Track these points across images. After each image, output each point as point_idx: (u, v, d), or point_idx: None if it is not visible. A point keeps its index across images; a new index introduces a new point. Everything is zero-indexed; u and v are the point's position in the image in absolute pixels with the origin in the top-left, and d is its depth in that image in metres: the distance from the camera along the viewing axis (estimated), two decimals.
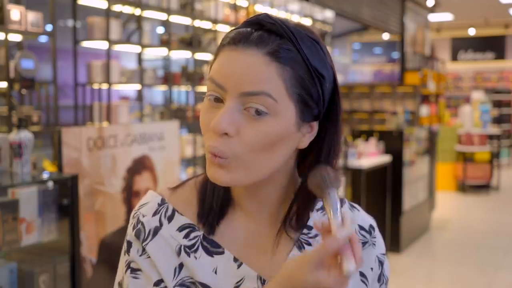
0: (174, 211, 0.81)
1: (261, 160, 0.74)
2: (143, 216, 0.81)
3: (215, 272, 0.78)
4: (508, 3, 11.80)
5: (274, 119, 0.73)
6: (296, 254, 0.81)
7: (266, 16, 0.75)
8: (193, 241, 0.79)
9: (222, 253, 0.79)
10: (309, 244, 0.83)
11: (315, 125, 0.78)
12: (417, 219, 5.99)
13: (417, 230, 6.02)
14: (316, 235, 0.83)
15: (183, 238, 0.79)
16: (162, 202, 0.82)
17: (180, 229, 0.80)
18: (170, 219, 0.80)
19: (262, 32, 0.74)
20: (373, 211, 5.13)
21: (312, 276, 0.67)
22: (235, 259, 0.79)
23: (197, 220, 0.81)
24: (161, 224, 0.80)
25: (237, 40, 0.74)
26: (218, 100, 0.74)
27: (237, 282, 0.78)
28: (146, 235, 0.79)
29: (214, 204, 0.81)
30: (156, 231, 0.79)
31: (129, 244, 0.80)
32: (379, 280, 0.87)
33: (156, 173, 3.10)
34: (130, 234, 0.81)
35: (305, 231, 0.83)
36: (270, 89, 0.72)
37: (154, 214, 0.81)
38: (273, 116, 0.73)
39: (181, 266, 0.78)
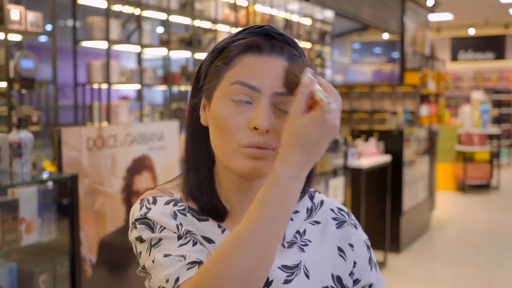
0: (154, 197, 0.88)
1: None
2: (135, 217, 0.87)
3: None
4: (508, 3, 11.80)
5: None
6: None
7: (270, 27, 0.86)
8: (182, 207, 0.87)
9: (207, 220, 0.87)
10: (291, 219, 0.90)
11: None
12: (417, 219, 5.99)
13: (417, 230, 6.02)
14: (297, 211, 0.91)
15: (173, 206, 0.86)
16: (141, 200, 0.88)
17: (167, 203, 0.87)
18: (154, 203, 0.86)
19: (275, 41, 0.85)
20: (373, 211, 5.14)
21: (305, 118, 0.74)
22: (219, 226, 0.87)
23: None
24: (148, 209, 0.86)
25: (259, 48, 0.83)
26: (246, 102, 0.82)
27: None
28: (143, 215, 0.85)
29: (210, 207, 0.87)
30: (146, 213, 0.85)
31: (140, 238, 0.84)
32: (369, 263, 0.95)
33: (156, 173, 3.10)
34: (137, 232, 0.85)
35: None
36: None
37: (140, 209, 0.86)
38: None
39: (181, 224, 0.84)
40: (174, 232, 0.82)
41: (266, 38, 0.85)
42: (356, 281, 0.92)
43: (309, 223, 0.92)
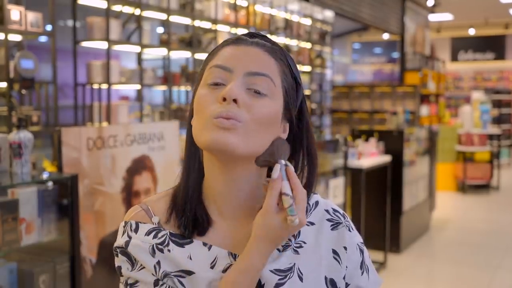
0: (137, 223, 0.89)
1: (259, 133, 0.83)
2: (117, 244, 0.90)
3: (190, 258, 0.85)
4: (508, 3, 11.80)
5: (271, 100, 0.84)
6: None
7: (254, 31, 0.92)
8: (162, 239, 0.87)
9: (191, 242, 0.87)
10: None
11: (287, 127, 0.89)
12: (417, 219, 5.99)
13: (417, 230, 6.02)
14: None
15: (153, 238, 0.87)
16: (125, 223, 0.90)
17: (147, 233, 0.88)
18: (136, 230, 0.88)
19: (258, 39, 0.88)
20: (373, 211, 5.14)
21: (279, 217, 0.80)
22: (204, 244, 0.87)
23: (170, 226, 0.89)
24: (130, 237, 0.88)
25: (238, 41, 0.87)
26: (219, 85, 0.84)
27: (212, 262, 0.85)
28: (124, 247, 0.88)
29: (190, 216, 0.88)
30: (127, 243, 0.88)
31: (119, 269, 0.88)
32: (361, 267, 0.93)
33: (156, 173, 3.10)
34: (118, 261, 0.89)
35: None
36: (271, 74, 0.85)
37: (122, 235, 0.89)
38: (270, 98, 0.84)
39: (159, 263, 0.85)
40: (152, 274, 0.85)
41: (249, 36, 0.89)
42: (346, 285, 0.91)
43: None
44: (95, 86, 4.33)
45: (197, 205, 0.88)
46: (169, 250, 0.86)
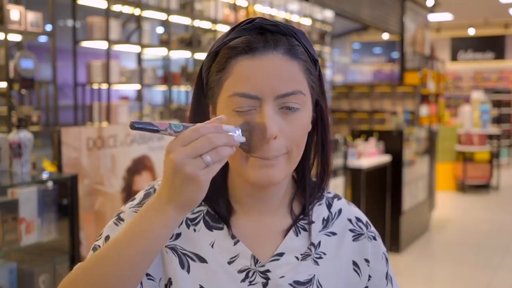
0: None
1: (299, 152, 0.80)
2: (158, 184, 0.85)
3: (212, 246, 0.82)
4: (508, 3, 11.80)
5: (304, 112, 0.79)
6: (292, 237, 0.85)
7: (262, 19, 0.79)
8: (196, 215, 0.84)
9: (221, 228, 0.83)
10: (305, 230, 0.86)
11: (313, 112, 0.83)
12: (417, 219, 5.99)
13: (417, 230, 6.02)
14: (312, 222, 0.87)
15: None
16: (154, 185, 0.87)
17: None
18: None
19: (268, 35, 0.77)
20: (373, 211, 5.14)
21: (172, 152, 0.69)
22: (233, 236, 0.83)
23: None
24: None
25: (251, 48, 0.77)
26: (248, 111, 0.76)
27: (232, 258, 0.82)
28: (142, 198, 0.84)
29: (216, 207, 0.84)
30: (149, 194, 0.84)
31: (132, 199, 0.85)
32: (386, 277, 0.91)
33: (156, 173, 3.10)
34: (138, 195, 0.85)
35: (302, 218, 0.87)
36: (300, 86, 0.78)
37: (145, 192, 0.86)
38: (303, 110, 0.78)
39: (178, 235, 0.82)
40: None
41: (258, 33, 0.78)
42: None
43: (325, 234, 0.88)
44: (95, 86, 4.32)
45: (223, 195, 0.84)
46: (194, 230, 0.82)
